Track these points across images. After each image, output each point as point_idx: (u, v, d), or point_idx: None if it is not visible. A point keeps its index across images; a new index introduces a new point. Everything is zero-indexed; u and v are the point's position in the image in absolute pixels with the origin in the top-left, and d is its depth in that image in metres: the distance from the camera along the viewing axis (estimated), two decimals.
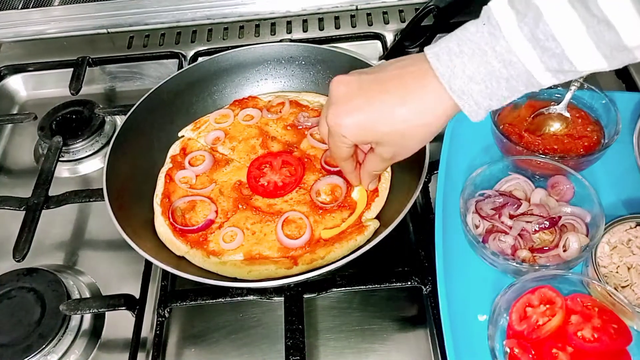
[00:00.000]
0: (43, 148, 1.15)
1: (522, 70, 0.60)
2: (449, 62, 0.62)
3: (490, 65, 0.61)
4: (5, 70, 1.31)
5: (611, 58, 0.58)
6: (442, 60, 0.63)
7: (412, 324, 0.86)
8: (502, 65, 0.60)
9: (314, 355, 0.83)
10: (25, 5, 1.42)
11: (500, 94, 0.62)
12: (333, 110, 0.70)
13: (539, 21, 0.58)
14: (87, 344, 0.88)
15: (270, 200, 0.93)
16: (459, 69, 0.62)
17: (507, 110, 0.95)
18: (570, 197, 0.86)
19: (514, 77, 0.61)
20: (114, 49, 1.35)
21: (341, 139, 0.71)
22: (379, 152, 0.73)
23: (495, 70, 0.61)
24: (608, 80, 1.16)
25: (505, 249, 0.81)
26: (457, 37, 0.63)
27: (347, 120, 0.69)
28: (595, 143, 0.90)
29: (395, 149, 0.71)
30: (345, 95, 0.69)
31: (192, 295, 0.86)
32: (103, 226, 1.03)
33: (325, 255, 0.84)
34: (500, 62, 0.60)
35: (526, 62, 0.60)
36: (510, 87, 0.62)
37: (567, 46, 0.58)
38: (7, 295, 0.89)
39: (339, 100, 0.70)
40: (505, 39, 0.59)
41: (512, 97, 0.63)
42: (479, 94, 0.62)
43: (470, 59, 0.61)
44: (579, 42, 0.57)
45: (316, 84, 1.10)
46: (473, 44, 0.61)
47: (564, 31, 0.57)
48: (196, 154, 1.01)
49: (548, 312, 0.73)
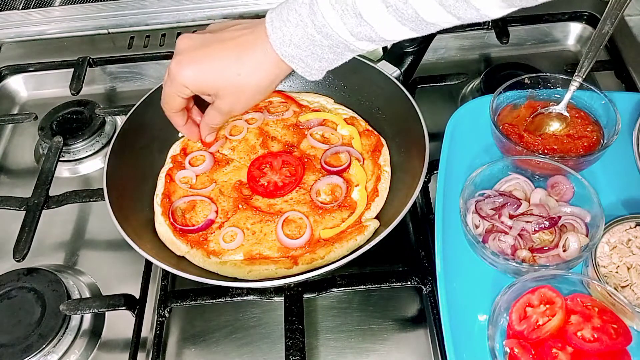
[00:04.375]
0: (43, 148, 1.15)
1: (340, 40, 0.69)
2: (279, 30, 0.70)
3: (312, 36, 0.69)
4: (6, 71, 1.31)
5: (418, 29, 0.67)
6: (274, 26, 0.70)
7: (412, 324, 0.86)
8: (322, 37, 0.68)
9: (314, 355, 0.84)
10: (26, 6, 1.42)
11: (327, 57, 0.71)
12: (176, 60, 0.76)
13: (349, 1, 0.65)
14: (87, 344, 0.88)
15: (271, 200, 0.93)
16: (287, 37, 0.69)
17: (507, 110, 0.95)
18: (570, 197, 0.86)
19: (336, 46, 0.69)
20: (114, 49, 1.35)
21: (179, 87, 0.77)
22: (217, 105, 0.80)
23: (317, 41, 0.69)
24: (608, 80, 1.17)
25: (505, 249, 0.81)
26: (288, 5, 0.70)
27: (188, 70, 0.75)
28: (595, 143, 0.90)
29: (231, 102, 0.79)
30: (189, 47, 0.76)
31: (192, 295, 0.87)
32: (103, 226, 1.03)
33: (325, 255, 0.84)
34: (319, 33, 0.68)
35: (342, 35, 0.68)
36: (335, 53, 0.70)
37: (376, 24, 0.66)
38: (7, 295, 0.89)
39: (182, 51, 0.76)
40: (322, 15, 0.67)
41: (342, 60, 0.72)
42: (307, 57, 0.70)
43: (296, 29, 0.69)
44: (384, 20, 0.66)
45: (316, 84, 1.10)
46: (297, 14, 0.68)
47: (370, 10, 0.65)
48: (196, 154, 1.01)
49: (548, 312, 0.73)
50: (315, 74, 0.73)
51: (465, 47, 1.29)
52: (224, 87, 0.76)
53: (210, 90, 0.78)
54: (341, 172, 0.95)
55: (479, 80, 1.17)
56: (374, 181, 0.94)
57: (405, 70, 1.03)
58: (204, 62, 0.75)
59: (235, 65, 0.74)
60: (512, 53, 1.26)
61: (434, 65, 1.25)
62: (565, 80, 0.94)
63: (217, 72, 0.75)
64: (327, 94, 1.09)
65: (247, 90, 0.76)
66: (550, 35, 1.30)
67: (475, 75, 1.19)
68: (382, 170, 0.96)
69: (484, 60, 1.27)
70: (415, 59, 1.04)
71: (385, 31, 0.67)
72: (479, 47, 1.29)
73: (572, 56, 1.27)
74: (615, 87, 1.15)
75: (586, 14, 1.28)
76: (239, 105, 0.80)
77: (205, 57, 0.75)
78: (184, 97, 0.80)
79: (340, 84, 1.08)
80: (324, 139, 1.01)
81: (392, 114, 1.00)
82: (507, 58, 1.24)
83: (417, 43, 1.05)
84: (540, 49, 1.29)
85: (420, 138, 0.89)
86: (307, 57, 0.71)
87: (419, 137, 0.89)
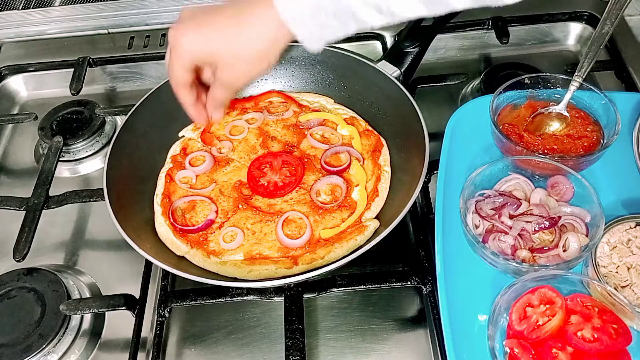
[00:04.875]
0: (43, 148, 1.15)
1: (346, 5, 0.66)
2: None
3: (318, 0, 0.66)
4: (6, 71, 1.31)
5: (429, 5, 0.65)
6: None
7: (412, 324, 0.86)
8: (330, 1, 0.66)
9: (314, 355, 0.84)
10: (26, 6, 1.42)
11: (330, 24, 0.68)
12: (176, 27, 0.76)
13: None
14: (87, 344, 0.88)
15: (271, 200, 0.93)
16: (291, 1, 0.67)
17: (507, 110, 0.95)
18: (570, 197, 0.86)
19: (341, 11, 0.66)
20: (114, 49, 1.35)
21: (180, 55, 0.76)
22: (218, 76, 0.78)
23: (323, 6, 0.66)
24: (608, 80, 1.16)
25: (505, 249, 0.81)
26: None
27: (188, 35, 0.74)
28: (595, 143, 0.90)
29: (232, 71, 0.77)
30: (189, 17, 0.76)
31: (192, 295, 0.86)
32: (103, 226, 1.03)
33: (325, 255, 0.84)
34: None
35: None
36: (339, 21, 0.68)
37: None
38: (7, 295, 0.89)
39: (183, 20, 0.76)
40: None
41: (345, 31, 0.69)
42: (311, 24, 0.68)
43: None
44: None
45: (316, 84, 1.10)
46: None
47: None
48: (197, 154, 1.01)
49: (548, 312, 0.73)
50: (315, 44, 0.71)
51: (465, 47, 1.29)
52: (222, 52, 0.74)
53: (208, 57, 0.76)
54: (341, 172, 0.95)
55: (479, 80, 1.17)
56: (374, 181, 0.94)
57: (405, 70, 1.03)
58: (202, 27, 0.74)
59: (234, 28, 0.72)
60: (512, 53, 1.26)
61: (434, 65, 1.25)
62: (565, 80, 0.94)
63: (215, 36, 0.74)
64: (327, 94, 1.09)
65: (246, 56, 0.74)
66: (550, 35, 1.30)
67: (475, 75, 1.19)
68: (382, 170, 0.96)
69: (484, 60, 1.27)
70: (415, 59, 1.04)
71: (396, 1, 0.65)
72: (479, 47, 1.29)
73: (572, 56, 1.27)
74: (615, 87, 1.15)
75: (586, 14, 1.28)
76: (238, 74, 0.77)
77: (205, 22, 0.74)
78: (186, 66, 0.78)
79: (340, 84, 1.08)
80: (324, 139, 1.01)
81: (392, 114, 1.00)
82: (507, 58, 1.24)
83: (417, 43, 1.05)
84: (540, 49, 1.29)
85: (420, 138, 0.89)
86: (310, 23, 0.68)
87: (419, 137, 0.89)
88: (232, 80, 0.78)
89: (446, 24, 1.08)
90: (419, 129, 0.90)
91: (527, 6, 1.29)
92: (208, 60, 0.77)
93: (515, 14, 1.27)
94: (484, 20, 1.26)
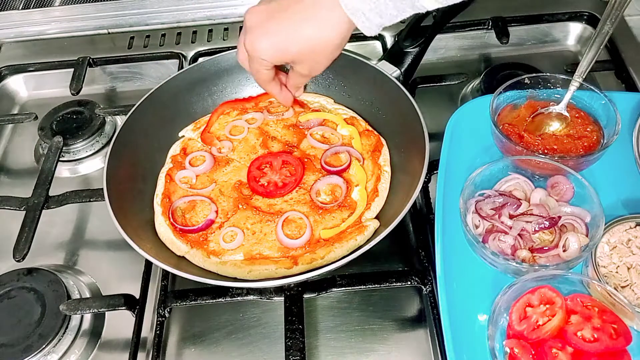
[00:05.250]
0: (43, 148, 1.15)
1: None
2: None
3: None
4: (6, 71, 1.31)
5: None
6: None
7: (412, 324, 0.86)
8: None
9: (314, 355, 0.84)
10: (26, 6, 1.42)
11: (388, 12, 0.72)
12: (250, 37, 0.80)
13: None
14: (87, 344, 0.88)
15: (271, 200, 0.93)
16: None
17: (507, 110, 0.95)
18: (570, 197, 0.86)
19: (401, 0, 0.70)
20: (114, 49, 1.35)
21: (260, 62, 0.82)
22: (297, 69, 0.85)
23: None
24: (608, 80, 1.17)
25: (505, 249, 0.81)
26: None
27: (263, 44, 0.79)
28: (595, 143, 0.90)
29: (309, 64, 0.82)
30: (258, 22, 0.79)
31: (192, 295, 0.87)
32: (103, 226, 1.03)
33: (325, 255, 0.84)
34: None
35: None
36: (397, 7, 0.71)
37: None
38: (7, 295, 0.89)
39: (253, 28, 0.79)
40: None
41: (401, 16, 0.72)
42: (369, 11, 0.72)
43: None
44: None
45: (316, 84, 1.10)
46: None
47: None
48: (197, 154, 1.01)
49: (548, 312, 0.73)
50: (373, 30, 0.74)
51: (465, 47, 1.29)
52: (299, 52, 0.79)
53: (287, 59, 0.81)
54: (341, 172, 0.95)
55: (479, 80, 1.17)
56: (374, 181, 0.94)
57: (405, 70, 1.03)
58: (274, 34, 0.78)
59: (304, 29, 0.76)
60: (512, 53, 1.26)
61: (434, 65, 1.25)
62: (565, 80, 0.94)
63: (289, 41, 0.77)
64: (327, 94, 1.09)
65: (322, 50, 0.79)
66: (550, 35, 1.30)
67: (475, 75, 1.19)
68: (382, 170, 0.95)
69: (484, 60, 1.27)
70: (415, 59, 1.04)
71: None
72: (479, 47, 1.29)
73: (572, 56, 1.27)
74: (615, 87, 1.15)
75: (586, 14, 1.28)
76: (318, 66, 0.83)
77: (275, 28, 0.77)
78: (267, 68, 0.84)
79: (340, 84, 1.08)
80: (324, 139, 1.01)
81: (392, 114, 1.00)
82: (507, 58, 1.24)
83: (417, 43, 1.05)
84: (540, 49, 1.29)
85: (420, 138, 0.88)
86: (369, 12, 0.72)
87: (419, 137, 0.89)
88: (312, 72, 0.85)
89: (446, 23, 1.08)
90: (419, 129, 0.89)
91: (527, 6, 1.30)
92: (285, 61, 0.82)
93: (515, 14, 1.27)
94: (484, 20, 1.26)
